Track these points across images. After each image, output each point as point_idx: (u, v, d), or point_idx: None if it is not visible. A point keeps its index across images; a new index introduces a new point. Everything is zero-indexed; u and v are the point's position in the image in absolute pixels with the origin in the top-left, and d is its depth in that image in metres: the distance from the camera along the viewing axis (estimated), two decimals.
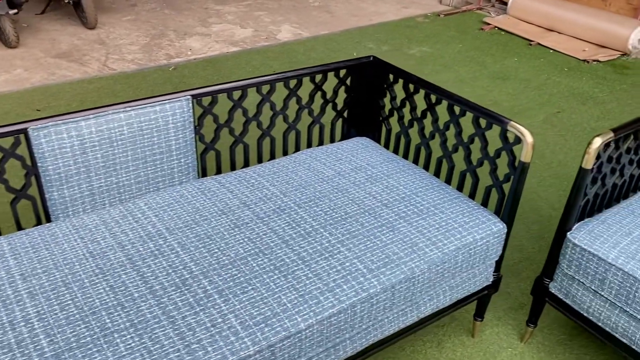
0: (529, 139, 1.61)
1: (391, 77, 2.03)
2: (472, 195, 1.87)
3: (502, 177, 1.74)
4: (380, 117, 2.15)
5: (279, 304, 1.37)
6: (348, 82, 3.07)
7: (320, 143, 2.15)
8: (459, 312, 2.10)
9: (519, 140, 1.66)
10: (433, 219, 1.70)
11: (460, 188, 1.91)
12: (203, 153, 1.88)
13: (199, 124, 1.82)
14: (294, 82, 3.55)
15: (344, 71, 3.40)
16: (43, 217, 1.96)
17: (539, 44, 4.64)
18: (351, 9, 5.42)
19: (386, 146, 2.15)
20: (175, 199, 1.71)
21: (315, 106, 3.36)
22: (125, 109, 1.64)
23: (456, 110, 3.47)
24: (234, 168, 1.96)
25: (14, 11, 4.05)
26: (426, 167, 2.01)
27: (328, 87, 3.59)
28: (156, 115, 1.69)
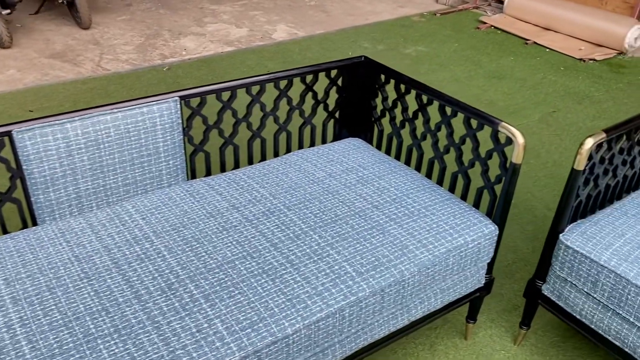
0: (520, 140, 1.59)
1: (383, 77, 2.01)
2: (463, 197, 1.85)
3: (494, 178, 1.73)
4: (372, 118, 2.13)
5: (266, 308, 1.35)
6: (339, 82, 3.05)
7: (312, 144, 2.13)
8: (451, 314, 2.08)
9: (510, 141, 1.65)
10: (424, 220, 1.68)
11: (452, 189, 1.89)
12: (192, 155, 1.86)
13: (187, 126, 1.80)
14: (284, 82, 3.51)
15: (335, 71, 3.37)
16: (29, 221, 1.94)
17: (535, 43, 4.63)
18: (347, 8, 5.40)
19: (378, 147, 2.13)
20: (163, 202, 1.69)
21: (307, 107, 3.34)
22: (112, 110, 1.62)
23: (447, 110, 3.45)
24: (223, 170, 1.94)
25: (7, 11, 4.03)
26: (418, 168, 2.00)
27: (319, 87, 3.56)
28: (143, 117, 1.67)
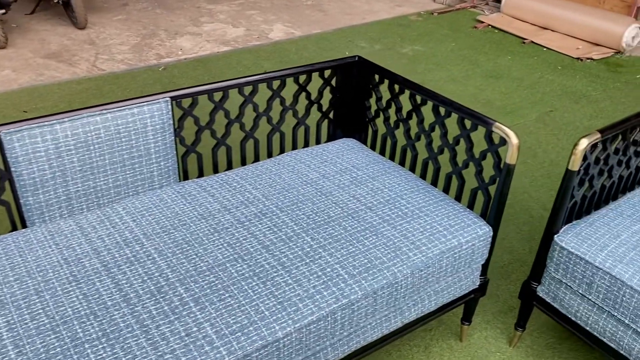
0: (514, 140, 1.58)
1: (377, 77, 1.99)
2: (458, 198, 1.83)
3: (488, 179, 1.71)
4: (367, 118, 2.11)
5: (257, 311, 1.34)
6: (333, 82, 3.03)
7: (306, 145, 2.11)
8: (447, 315, 2.06)
9: (504, 141, 1.63)
10: (418, 222, 1.66)
11: (446, 190, 1.88)
12: (184, 156, 1.84)
13: (179, 126, 1.78)
14: (277, 82, 3.48)
15: (328, 71, 3.36)
16: (18, 223, 1.93)
17: (532, 42, 4.61)
18: (344, 7, 5.38)
19: (372, 147, 2.12)
20: (154, 204, 1.67)
21: (300, 107, 3.32)
22: (102, 111, 1.60)
23: (441, 111, 3.43)
24: (216, 171, 1.92)
25: (2, 11, 4.01)
26: (412, 169, 1.98)
27: (313, 87, 3.54)
28: (134, 117, 1.65)
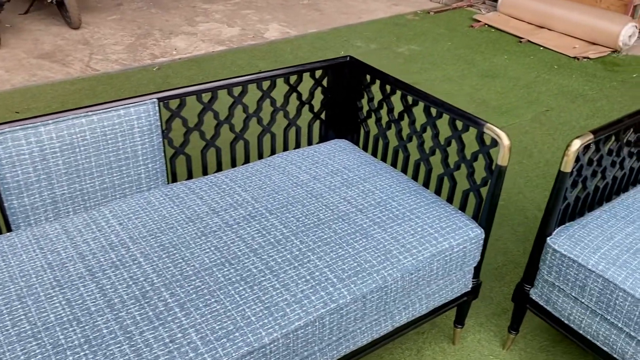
0: (505, 141, 1.56)
1: (368, 77, 1.97)
2: (450, 199, 1.81)
3: (480, 180, 1.69)
4: (359, 119, 2.09)
5: (243, 317, 1.32)
6: (324, 82, 3.01)
7: (297, 146, 2.09)
8: (440, 318, 2.04)
9: (495, 142, 1.61)
10: (408, 224, 1.64)
11: (438, 192, 1.85)
12: (172, 157, 1.82)
13: (167, 128, 1.76)
14: (267, 83, 3.43)
15: (320, 72, 3.34)
16: (3, 226, 1.90)
17: (529, 41, 4.59)
18: (340, 6, 5.36)
19: (365, 148, 2.10)
20: (141, 206, 1.65)
21: (291, 108, 3.29)
22: (87, 113, 1.58)
23: (432, 111, 3.40)
24: (205, 173, 1.90)
25: None
26: (404, 170, 1.96)
27: (304, 88, 3.52)
28: (120, 119, 1.63)
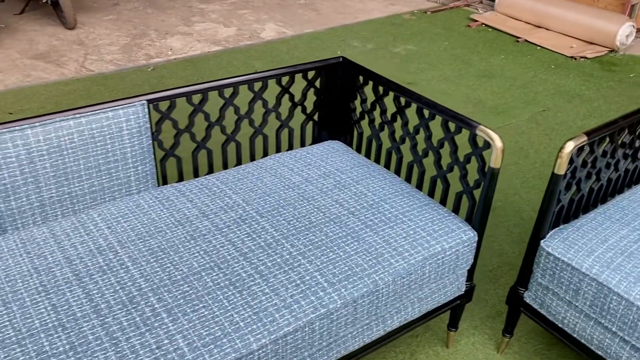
0: (498, 143, 1.54)
1: (361, 78, 1.95)
2: (443, 202, 1.79)
3: (473, 183, 1.67)
4: (352, 120, 2.07)
5: (231, 322, 1.30)
6: (317, 84, 2.99)
7: (290, 147, 2.07)
8: (433, 321, 2.03)
9: (488, 145, 1.59)
10: (401, 227, 1.62)
11: (431, 194, 1.84)
12: (163, 160, 1.80)
13: (157, 130, 1.74)
14: (259, 84, 3.39)
15: (312, 73, 3.31)
16: None
17: (526, 41, 4.57)
18: (337, 6, 5.34)
19: (358, 150, 2.08)
20: (130, 209, 1.63)
21: (283, 109, 3.27)
22: (75, 115, 1.56)
23: (425, 113, 3.39)
24: (196, 175, 1.88)
25: None
26: (398, 172, 1.94)
27: (297, 89, 3.49)
28: (109, 121, 1.61)
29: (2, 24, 4.54)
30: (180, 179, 1.86)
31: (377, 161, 2.01)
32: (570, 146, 1.51)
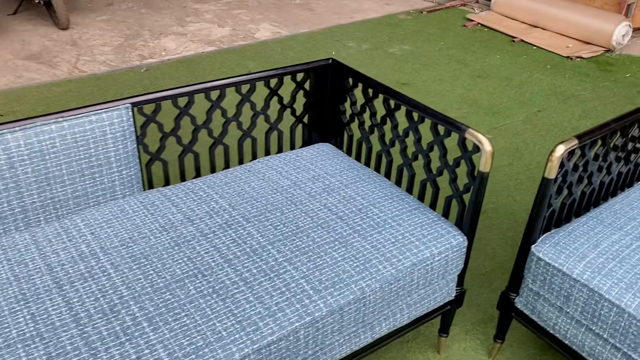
0: (487, 147, 1.51)
1: (351, 80, 1.92)
2: (433, 205, 1.77)
3: (462, 187, 1.65)
4: (342, 123, 2.04)
5: (213, 332, 1.27)
6: (307, 86, 2.96)
7: (280, 150, 2.04)
8: (424, 326, 2.00)
9: (478, 148, 1.56)
10: (389, 232, 1.60)
11: (421, 198, 1.81)
12: (148, 164, 1.77)
13: (142, 133, 1.71)
14: (246, 87, 3.36)
15: (301, 75, 3.28)
16: None
17: (522, 41, 4.54)
18: (333, 6, 5.31)
19: (348, 152, 2.05)
20: (114, 215, 1.60)
21: (272, 112, 3.24)
22: (57, 119, 1.53)
23: (415, 116, 3.36)
24: (183, 179, 1.86)
25: None
26: (387, 175, 1.91)
27: (286, 91, 3.46)
28: (92, 125, 1.58)
29: None
30: (167, 183, 1.84)
31: (367, 164, 1.98)
32: (560, 150, 1.49)
